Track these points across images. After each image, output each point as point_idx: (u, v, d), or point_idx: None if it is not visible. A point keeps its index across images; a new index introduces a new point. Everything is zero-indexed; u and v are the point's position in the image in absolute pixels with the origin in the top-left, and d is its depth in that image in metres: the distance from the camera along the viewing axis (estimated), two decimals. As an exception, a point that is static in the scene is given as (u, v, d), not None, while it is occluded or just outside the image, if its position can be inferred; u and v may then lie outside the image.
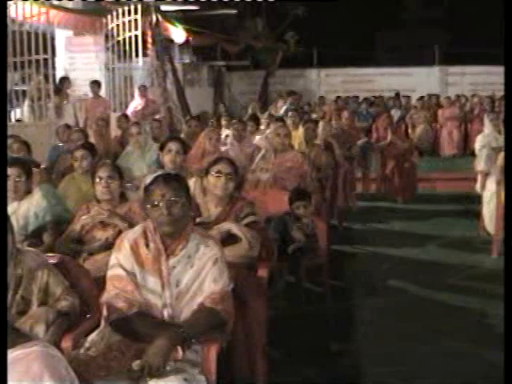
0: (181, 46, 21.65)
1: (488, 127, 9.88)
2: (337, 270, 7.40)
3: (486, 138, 9.71)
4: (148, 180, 3.72)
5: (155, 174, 3.75)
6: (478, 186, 9.47)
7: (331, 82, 27.41)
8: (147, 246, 3.66)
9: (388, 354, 5.40)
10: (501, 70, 20.43)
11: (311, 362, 5.23)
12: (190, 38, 20.48)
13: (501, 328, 5.79)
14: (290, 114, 10.68)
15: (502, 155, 8.24)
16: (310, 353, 5.37)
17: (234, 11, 23.79)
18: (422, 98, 21.09)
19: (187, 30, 19.90)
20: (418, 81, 26.34)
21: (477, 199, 9.27)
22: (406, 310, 6.44)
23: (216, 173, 4.83)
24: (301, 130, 8.99)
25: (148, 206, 3.65)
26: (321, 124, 9.74)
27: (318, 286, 6.44)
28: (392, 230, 9.64)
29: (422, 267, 7.84)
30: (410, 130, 18.05)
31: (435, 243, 8.85)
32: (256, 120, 10.97)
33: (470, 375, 5.04)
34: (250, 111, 14.42)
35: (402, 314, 6.34)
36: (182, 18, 20.92)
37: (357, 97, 22.30)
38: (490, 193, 8.53)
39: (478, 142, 9.76)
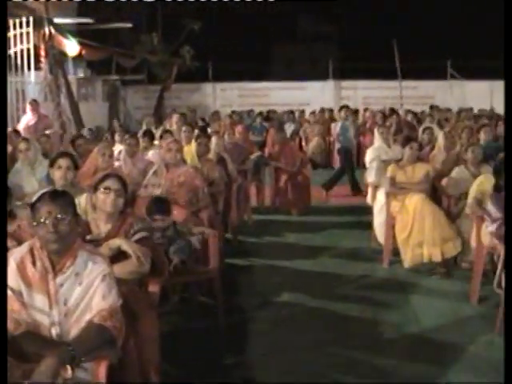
0: (75, 59, 21.31)
1: (378, 140, 10.10)
2: (231, 284, 7.46)
3: (375, 150, 9.91)
4: (34, 197, 3.69)
5: (41, 192, 3.72)
6: (368, 198, 9.68)
7: (227, 96, 27.58)
8: (34, 264, 3.62)
9: (282, 365, 5.47)
10: (392, 84, 21.02)
11: (205, 377, 5.25)
12: (84, 52, 20.18)
13: (389, 335, 6.01)
14: (183, 128, 10.68)
15: (390, 167, 8.47)
16: (203, 367, 5.39)
17: (129, 25, 23.64)
18: (315, 111, 21.45)
19: (81, 44, 19.60)
20: (312, 95, 26.76)
21: (368, 210, 9.50)
22: (299, 322, 6.54)
23: (105, 189, 4.78)
24: (193, 144, 9.00)
25: (35, 223, 3.62)
26: (214, 138, 9.75)
27: (212, 300, 6.43)
28: (286, 243, 9.74)
29: (315, 278, 7.95)
30: (303, 144, 18.38)
31: (328, 254, 9.00)
32: (150, 135, 10.91)
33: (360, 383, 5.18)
34: (144, 126, 14.31)
35: (296, 325, 6.43)
36: (76, 31, 20.63)
37: (252, 111, 22.49)
38: (380, 204, 8.75)
39: (369, 155, 9.96)
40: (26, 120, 14.00)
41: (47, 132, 12.01)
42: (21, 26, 15.47)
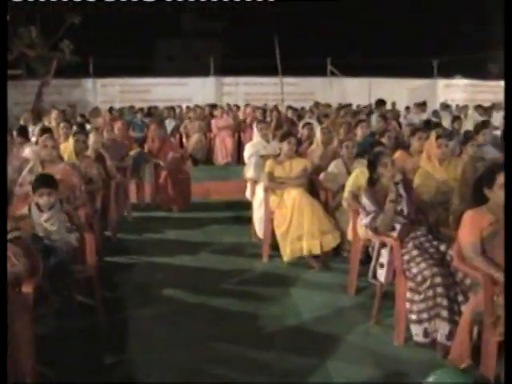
0: None
1: (257, 136, 10.15)
2: (111, 282, 7.39)
3: (254, 146, 9.96)
4: None
5: None
6: (247, 193, 9.72)
7: (108, 92, 27.24)
8: None
9: (164, 362, 5.46)
10: (273, 80, 21.34)
11: (86, 377, 5.17)
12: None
13: (270, 328, 6.07)
14: (61, 125, 10.48)
15: (269, 162, 8.54)
16: (83, 367, 5.31)
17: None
18: (195, 107, 21.43)
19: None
20: (194, 91, 26.79)
21: (247, 206, 9.57)
22: (181, 318, 6.50)
23: (-23, 188, 4.66)
24: (71, 141, 8.82)
25: None
26: (92, 135, 9.57)
27: (91, 299, 6.33)
28: (167, 239, 9.66)
29: (196, 274, 7.92)
30: (184, 140, 18.32)
31: (209, 250, 8.97)
32: (25, 131, 10.65)
33: (242, 376, 5.21)
34: (22, 122, 13.95)
35: (177, 321, 6.40)
36: None
37: (133, 107, 22.30)
38: (259, 199, 8.80)
39: (247, 151, 10.01)
40: None
41: None
42: None
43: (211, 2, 21.18)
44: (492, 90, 28.90)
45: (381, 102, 18.00)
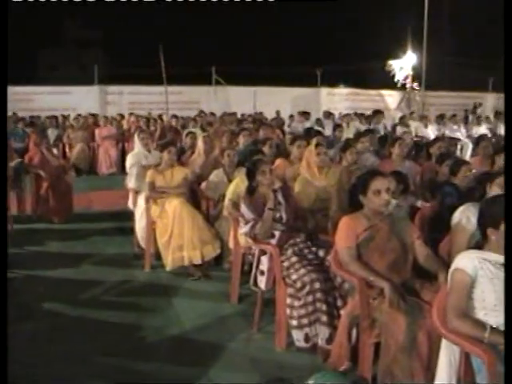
0: None
1: (138, 145, 10.04)
2: (-11, 298, 7.17)
3: (135, 156, 9.83)
4: None
5: None
6: (129, 203, 9.63)
7: (-13, 101, 26.49)
8: None
9: (44, 378, 5.33)
10: (157, 89, 21.17)
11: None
12: None
13: (152, 339, 6.03)
14: None
15: (149, 172, 8.50)
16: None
17: None
18: (78, 116, 21.11)
19: None
20: (77, 100, 26.42)
21: (130, 216, 9.49)
22: (61, 332, 6.37)
23: None
24: None
25: None
26: (-34, 147, 9.30)
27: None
28: (48, 252, 9.45)
29: (77, 287, 7.75)
30: (67, 150, 18.02)
31: (91, 262, 8.83)
32: None
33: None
34: None
35: (57, 336, 6.25)
36: None
37: (15, 114, 21.81)
38: (141, 209, 8.73)
39: (128, 161, 9.87)
40: None
41: None
42: None
43: (94, 9, 20.91)
44: (372, 99, 29.74)
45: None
